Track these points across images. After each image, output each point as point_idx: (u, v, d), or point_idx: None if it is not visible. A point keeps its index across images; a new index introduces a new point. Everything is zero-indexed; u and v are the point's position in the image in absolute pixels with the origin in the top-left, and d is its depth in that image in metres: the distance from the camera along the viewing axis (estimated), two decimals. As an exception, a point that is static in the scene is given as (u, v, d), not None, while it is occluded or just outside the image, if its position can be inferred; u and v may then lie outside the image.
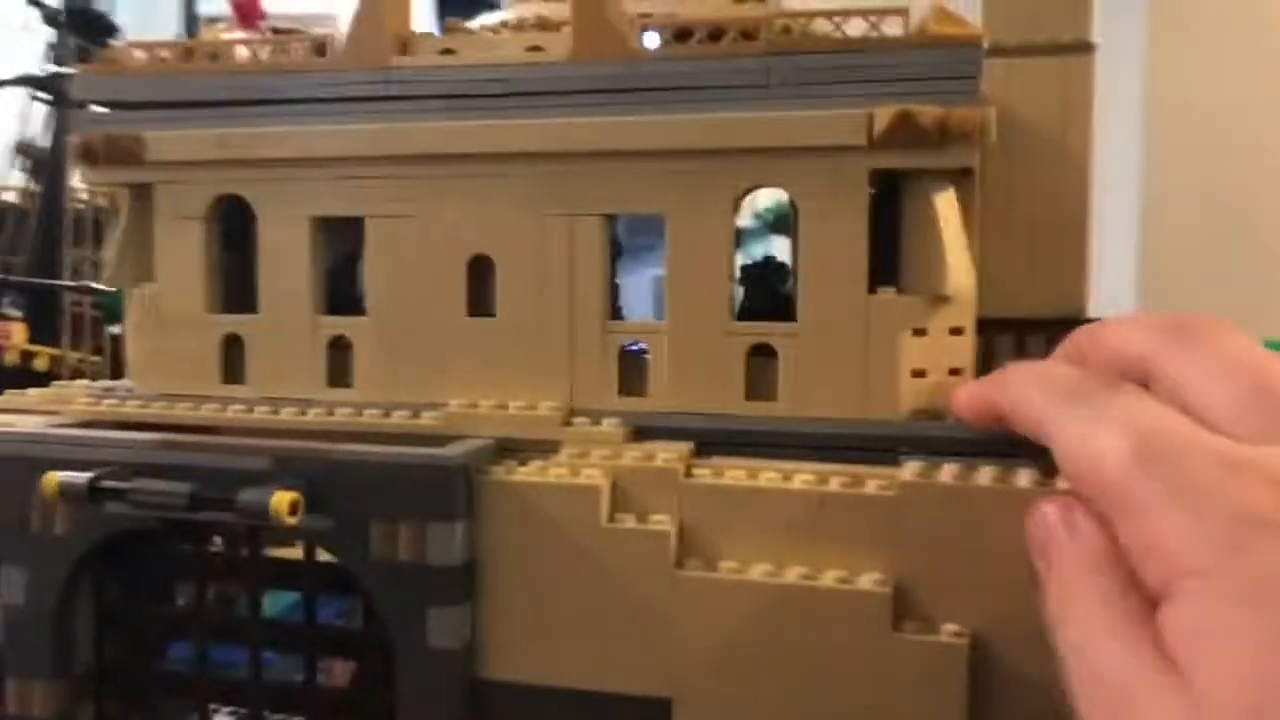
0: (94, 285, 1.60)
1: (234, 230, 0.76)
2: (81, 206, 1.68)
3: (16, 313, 1.52)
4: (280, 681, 0.70)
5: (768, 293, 0.80)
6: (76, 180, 1.71)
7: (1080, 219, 0.77)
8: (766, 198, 0.70)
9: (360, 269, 0.75)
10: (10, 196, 1.76)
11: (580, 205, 0.67)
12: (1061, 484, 0.57)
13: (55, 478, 0.64)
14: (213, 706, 0.72)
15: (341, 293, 0.78)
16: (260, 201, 0.73)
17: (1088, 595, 0.43)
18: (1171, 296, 3.08)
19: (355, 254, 0.76)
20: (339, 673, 0.77)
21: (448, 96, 0.68)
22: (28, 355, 1.60)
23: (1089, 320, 0.75)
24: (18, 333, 1.50)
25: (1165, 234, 3.22)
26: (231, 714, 0.81)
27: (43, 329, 1.58)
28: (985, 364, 0.74)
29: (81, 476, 0.63)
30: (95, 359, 1.72)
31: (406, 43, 0.73)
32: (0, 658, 0.70)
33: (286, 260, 0.72)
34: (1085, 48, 0.76)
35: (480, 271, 0.69)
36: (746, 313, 0.70)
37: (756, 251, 0.94)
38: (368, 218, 0.71)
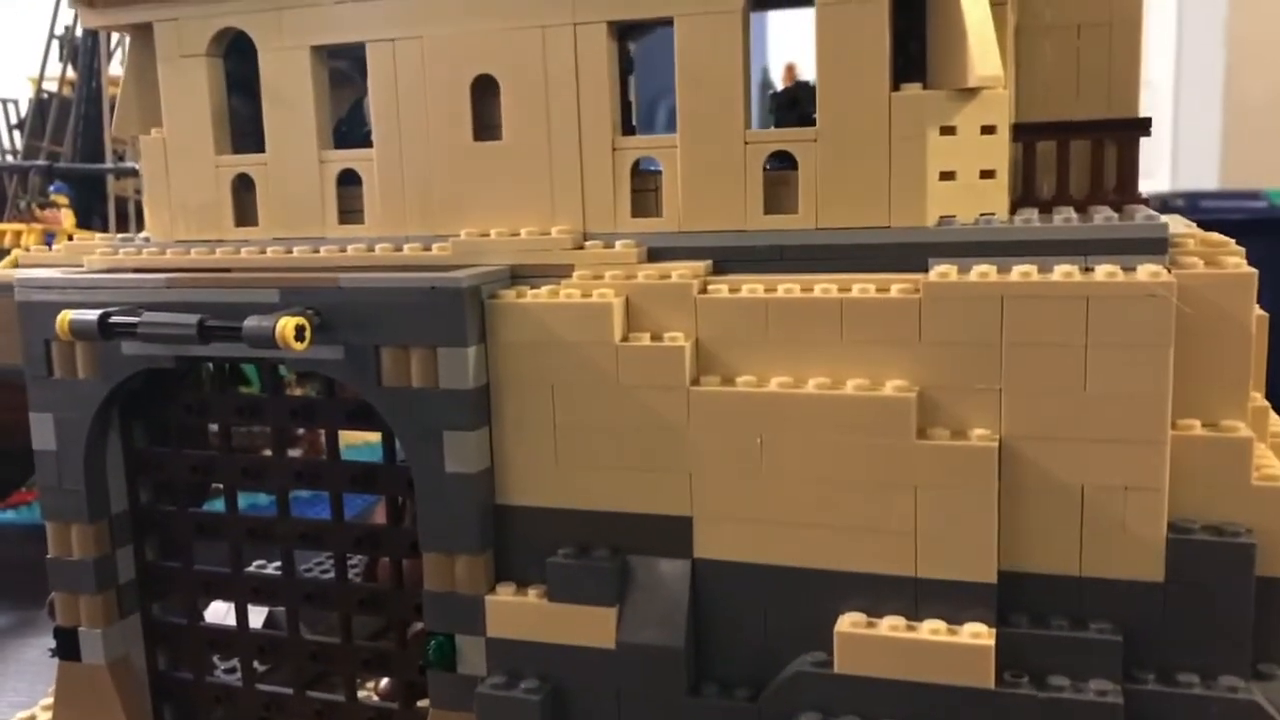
0: (137, 167, 1.59)
1: (240, 73, 0.74)
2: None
3: (64, 200, 1.54)
4: (307, 520, 0.70)
5: (800, 120, 0.76)
6: (117, 65, 1.70)
7: (1133, 14, 0.71)
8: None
9: (368, 109, 0.73)
10: (53, 87, 1.76)
11: (583, 12, 0.63)
12: (1094, 276, 0.53)
13: (67, 315, 0.63)
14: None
15: (354, 137, 0.76)
16: (260, 34, 0.70)
17: None
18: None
19: (364, 97, 0.73)
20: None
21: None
22: (75, 242, 1.60)
23: (1138, 121, 0.70)
24: (66, 219, 1.51)
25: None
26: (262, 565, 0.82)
27: (90, 215, 1.59)
28: (1026, 171, 0.70)
29: (92, 313, 0.63)
30: None
31: None
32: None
33: (290, 93, 0.70)
34: None
35: (485, 93, 0.66)
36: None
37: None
38: (368, 43, 0.68)
